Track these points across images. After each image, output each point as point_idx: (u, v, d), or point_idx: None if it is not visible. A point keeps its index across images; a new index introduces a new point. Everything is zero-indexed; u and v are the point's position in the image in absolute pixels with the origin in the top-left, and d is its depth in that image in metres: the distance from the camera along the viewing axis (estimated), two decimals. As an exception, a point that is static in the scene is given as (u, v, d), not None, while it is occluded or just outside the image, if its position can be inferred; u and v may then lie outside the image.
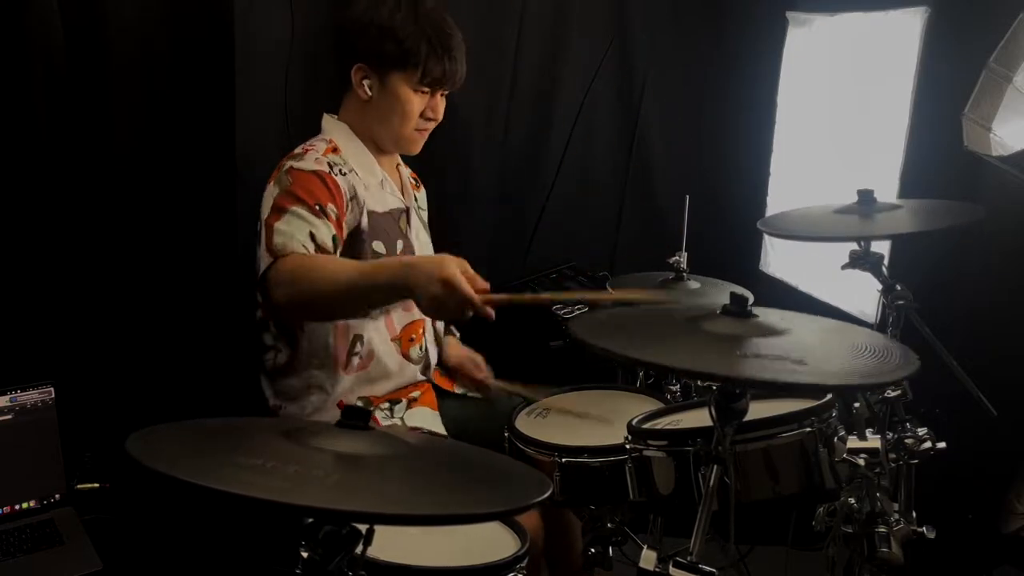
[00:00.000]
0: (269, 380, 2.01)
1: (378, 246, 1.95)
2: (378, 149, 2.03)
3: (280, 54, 2.44)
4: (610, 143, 2.89)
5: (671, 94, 2.89)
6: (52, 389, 2.04)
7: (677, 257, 2.31)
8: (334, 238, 1.83)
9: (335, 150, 1.95)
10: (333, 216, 1.84)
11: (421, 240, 2.11)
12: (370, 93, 1.94)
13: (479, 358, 2.20)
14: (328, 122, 2.02)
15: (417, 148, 2.04)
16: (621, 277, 2.44)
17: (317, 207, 1.82)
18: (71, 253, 2.32)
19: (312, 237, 1.78)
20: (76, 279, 2.34)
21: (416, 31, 1.89)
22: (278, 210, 1.81)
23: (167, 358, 2.42)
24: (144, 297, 2.40)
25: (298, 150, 1.94)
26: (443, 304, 1.57)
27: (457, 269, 1.56)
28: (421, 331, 2.08)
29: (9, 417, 1.99)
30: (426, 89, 1.94)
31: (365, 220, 1.93)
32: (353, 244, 1.92)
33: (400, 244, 2.01)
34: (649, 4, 2.82)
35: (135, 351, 2.40)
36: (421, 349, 2.07)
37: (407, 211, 2.06)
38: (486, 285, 1.59)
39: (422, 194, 2.22)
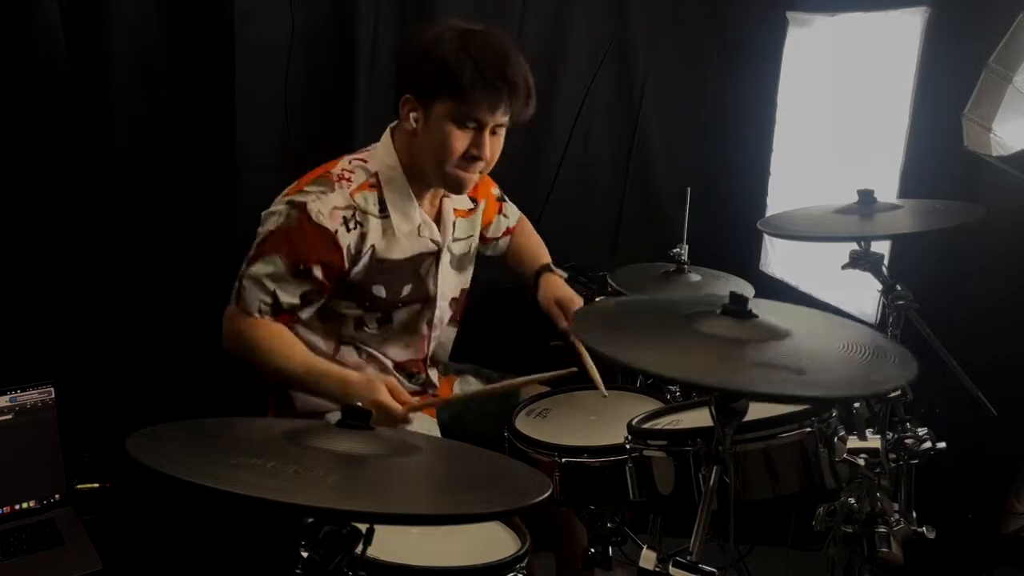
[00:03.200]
0: None
1: (377, 290, 1.89)
2: (425, 185, 1.91)
3: (280, 54, 2.44)
4: (610, 143, 2.89)
5: (671, 94, 2.89)
6: (52, 389, 2.04)
7: (678, 249, 2.30)
8: (304, 295, 1.82)
9: (373, 186, 1.85)
10: (318, 276, 1.81)
11: (447, 280, 2.00)
12: (415, 126, 1.81)
13: (574, 304, 2.04)
14: (385, 144, 1.90)
15: (464, 189, 1.88)
16: (622, 269, 2.43)
17: (299, 268, 1.79)
18: (71, 253, 2.33)
19: (274, 298, 1.81)
20: (76, 279, 2.34)
21: (463, 57, 1.73)
22: (263, 248, 1.81)
23: (167, 358, 2.42)
24: (144, 297, 2.41)
25: (336, 170, 1.85)
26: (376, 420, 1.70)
27: (387, 393, 1.73)
28: (417, 369, 2.06)
29: (9, 417, 1.99)
30: (471, 123, 1.77)
31: (368, 267, 1.86)
32: (352, 287, 1.87)
33: (407, 288, 1.92)
34: (649, 4, 2.82)
35: (135, 351, 2.40)
36: (417, 380, 2.06)
37: (437, 253, 1.96)
38: (410, 399, 1.78)
39: (471, 220, 2.08)
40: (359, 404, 1.66)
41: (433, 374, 2.10)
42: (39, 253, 2.29)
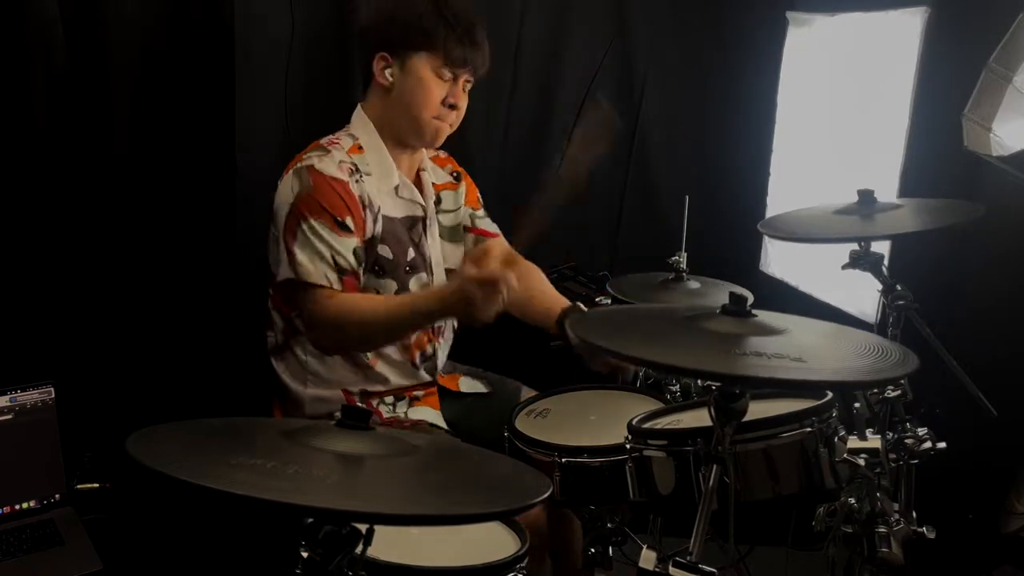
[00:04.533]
0: (272, 358, 2.02)
1: (383, 250, 1.94)
2: (401, 148, 1.99)
3: (280, 54, 2.44)
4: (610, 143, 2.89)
5: (671, 94, 2.89)
6: (52, 389, 2.03)
7: (677, 257, 2.30)
8: (356, 251, 1.85)
9: (360, 148, 1.94)
10: (353, 228, 1.85)
11: (436, 248, 2.07)
12: (391, 80, 1.92)
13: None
14: (358, 116, 1.99)
15: (439, 139, 2.00)
16: (621, 278, 2.43)
17: (337, 221, 1.82)
18: (71, 253, 2.32)
19: (335, 263, 1.81)
20: (76, 279, 2.34)
21: (435, 13, 1.88)
22: (298, 218, 1.82)
23: (167, 358, 2.42)
24: (144, 297, 2.40)
25: (323, 141, 1.93)
26: (480, 300, 1.67)
27: (471, 266, 1.71)
28: (427, 340, 2.08)
29: (9, 417, 1.99)
30: (448, 74, 1.91)
31: (379, 225, 1.92)
32: (366, 251, 1.91)
33: (411, 252, 1.98)
34: (649, 4, 2.82)
35: (135, 351, 2.40)
36: (426, 354, 2.07)
37: (424, 219, 2.03)
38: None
39: (457, 193, 2.15)
40: (465, 291, 1.68)
41: (441, 348, 2.12)
42: (39, 253, 2.29)
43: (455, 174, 2.17)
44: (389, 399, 2.02)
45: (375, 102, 1.98)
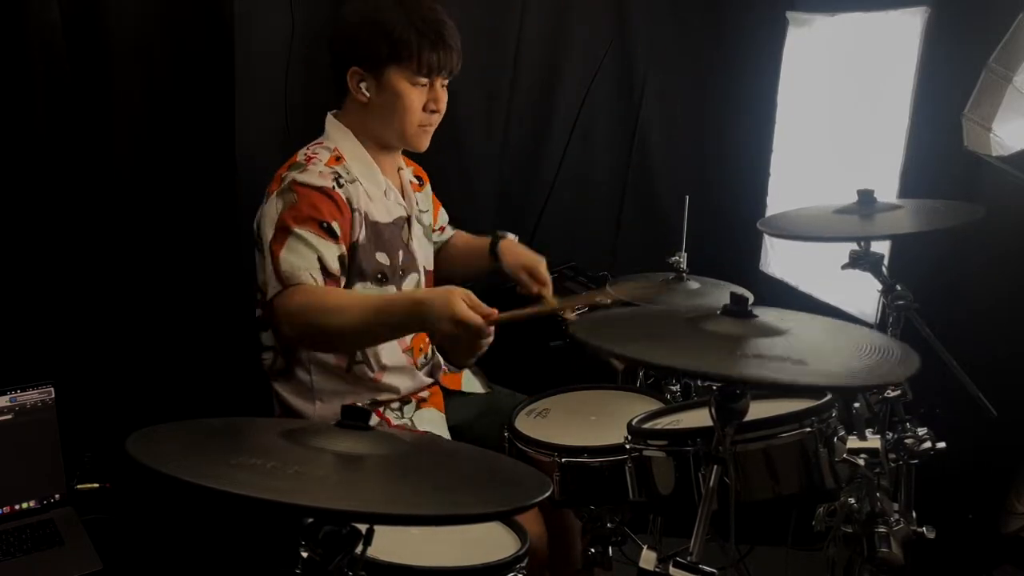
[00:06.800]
0: (273, 379, 2.01)
1: (382, 257, 1.94)
2: (381, 151, 1.99)
3: (280, 54, 2.44)
4: (610, 143, 2.89)
5: (671, 94, 2.89)
6: (52, 389, 2.04)
7: (677, 257, 2.30)
8: (340, 258, 1.83)
9: (339, 159, 1.92)
10: (340, 234, 1.83)
11: (422, 248, 2.08)
12: (368, 95, 1.91)
13: (540, 265, 2.14)
14: (332, 125, 1.98)
15: (424, 144, 1.99)
16: (621, 278, 2.43)
17: (324, 226, 1.81)
18: (71, 253, 2.33)
19: (321, 264, 1.79)
20: (76, 279, 2.34)
21: (404, 22, 1.85)
22: (283, 231, 1.80)
23: (167, 358, 2.42)
24: (144, 297, 2.41)
25: (300, 157, 1.91)
26: (456, 339, 1.62)
27: (464, 304, 1.60)
28: (425, 343, 2.08)
29: (9, 417, 1.99)
30: (424, 80, 1.89)
31: (367, 232, 1.91)
32: (357, 257, 1.90)
33: (401, 254, 1.99)
34: (649, 4, 2.82)
35: (135, 351, 2.40)
36: (426, 357, 2.08)
37: (408, 219, 2.04)
38: (492, 311, 1.63)
39: (424, 194, 2.18)
40: (439, 324, 1.61)
41: (439, 355, 2.12)
42: (39, 253, 2.29)
43: (419, 178, 2.18)
44: (396, 404, 2.02)
45: (352, 113, 1.96)
